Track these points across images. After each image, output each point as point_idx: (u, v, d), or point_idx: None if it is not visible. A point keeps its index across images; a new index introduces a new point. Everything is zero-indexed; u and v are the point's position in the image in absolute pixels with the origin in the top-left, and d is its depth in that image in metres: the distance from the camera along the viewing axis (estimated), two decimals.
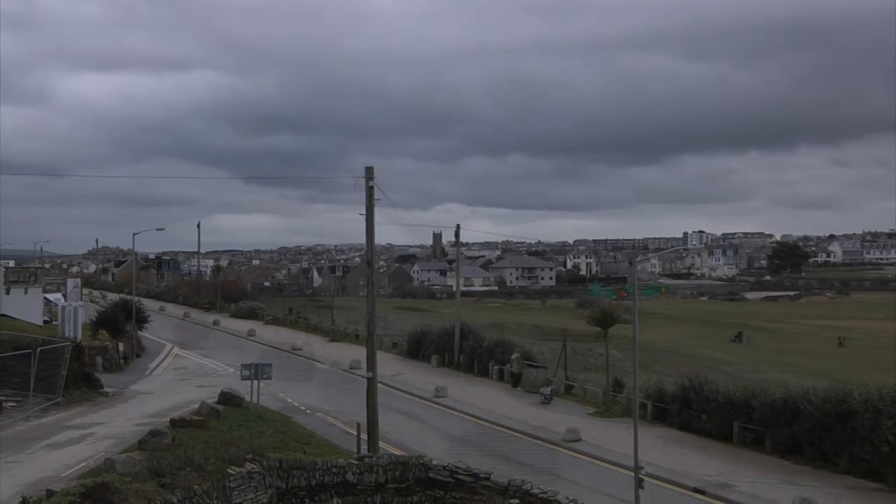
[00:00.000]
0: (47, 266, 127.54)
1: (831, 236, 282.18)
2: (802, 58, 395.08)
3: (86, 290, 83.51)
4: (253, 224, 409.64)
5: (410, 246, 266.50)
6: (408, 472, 18.62)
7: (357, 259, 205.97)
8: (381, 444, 27.03)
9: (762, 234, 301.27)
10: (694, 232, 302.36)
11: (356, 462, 18.94)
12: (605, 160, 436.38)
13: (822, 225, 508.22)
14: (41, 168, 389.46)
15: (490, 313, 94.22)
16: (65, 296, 64.93)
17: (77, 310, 48.18)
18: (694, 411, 32.28)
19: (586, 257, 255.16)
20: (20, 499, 16.12)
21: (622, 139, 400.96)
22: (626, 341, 41.05)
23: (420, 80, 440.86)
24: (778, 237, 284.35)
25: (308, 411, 35.96)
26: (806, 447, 27.62)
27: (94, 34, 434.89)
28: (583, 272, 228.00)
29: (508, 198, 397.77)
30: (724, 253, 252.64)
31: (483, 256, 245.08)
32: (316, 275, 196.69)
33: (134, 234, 64.58)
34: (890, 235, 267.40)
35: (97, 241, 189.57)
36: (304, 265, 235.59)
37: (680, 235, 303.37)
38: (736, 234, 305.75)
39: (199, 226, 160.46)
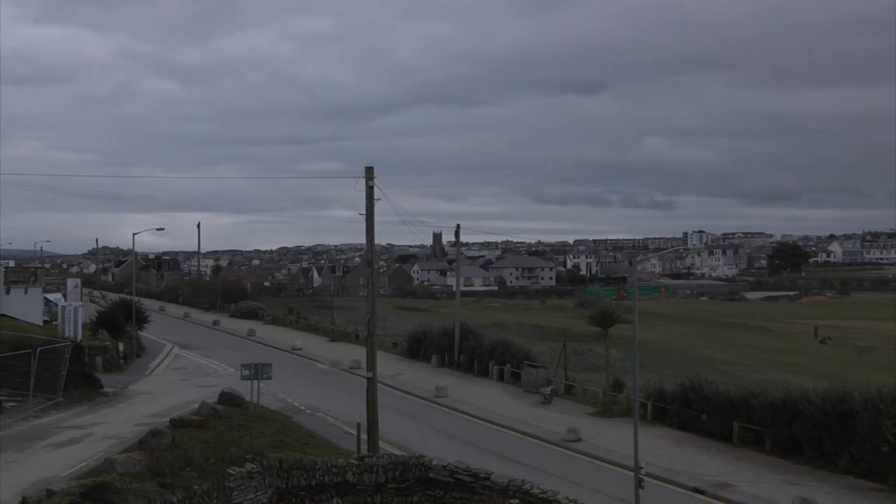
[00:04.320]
0: (47, 266, 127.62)
1: (831, 236, 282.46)
2: None
3: (86, 290, 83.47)
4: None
5: (410, 246, 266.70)
6: (408, 472, 18.60)
7: (357, 259, 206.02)
8: (381, 444, 27.04)
9: (762, 234, 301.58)
10: (694, 232, 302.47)
11: (356, 462, 18.91)
12: None
13: (822, 225, 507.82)
14: None
15: (490, 313, 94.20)
16: (65, 296, 64.87)
17: (77, 310, 48.17)
18: (694, 411, 32.27)
19: (586, 257, 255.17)
20: (20, 499, 16.11)
21: None
22: (626, 341, 41.06)
23: None
24: (778, 237, 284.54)
25: (308, 411, 35.97)
26: (806, 447, 27.61)
27: None
28: (583, 272, 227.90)
29: None
30: (724, 253, 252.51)
31: (483, 256, 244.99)
32: (316, 275, 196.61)
33: (134, 234, 64.70)
34: (890, 235, 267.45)
35: (97, 241, 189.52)
36: (304, 265, 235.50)
37: (680, 235, 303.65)
38: (736, 234, 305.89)
39: (199, 226, 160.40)
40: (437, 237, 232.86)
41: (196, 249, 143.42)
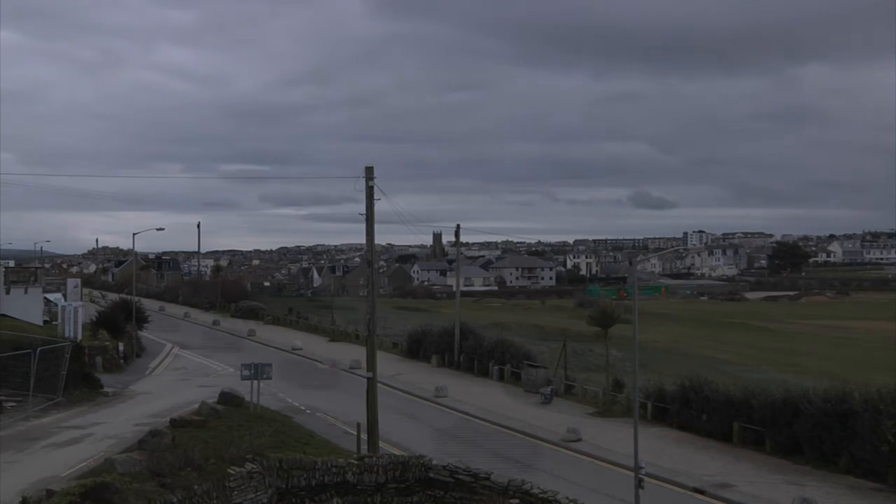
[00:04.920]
0: (47, 266, 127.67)
1: (831, 236, 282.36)
2: None
3: (86, 290, 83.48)
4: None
5: (410, 246, 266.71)
6: (408, 472, 18.60)
7: (357, 259, 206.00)
8: (381, 444, 27.05)
9: (762, 234, 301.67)
10: (694, 232, 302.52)
11: (356, 462, 18.91)
12: None
13: (822, 225, 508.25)
14: None
15: (490, 313, 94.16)
16: (65, 296, 64.90)
17: (77, 310, 48.20)
18: (694, 411, 32.28)
19: (586, 257, 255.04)
20: (20, 499, 16.12)
21: None
22: (626, 341, 41.03)
23: None
24: (778, 237, 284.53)
25: (308, 411, 35.97)
26: (806, 447, 27.62)
27: None
28: (583, 272, 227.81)
29: None
30: (724, 253, 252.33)
31: (483, 256, 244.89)
32: (316, 275, 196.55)
33: (134, 234, 64.71)
34: (890, 235, 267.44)
35: (97, 240, 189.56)
36: (304, 265, 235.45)
37: (680, 235, 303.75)
38: (736, 234, 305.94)
39: (199, 226, 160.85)
40: (437, 237, 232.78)
41: (192, 250, 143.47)
